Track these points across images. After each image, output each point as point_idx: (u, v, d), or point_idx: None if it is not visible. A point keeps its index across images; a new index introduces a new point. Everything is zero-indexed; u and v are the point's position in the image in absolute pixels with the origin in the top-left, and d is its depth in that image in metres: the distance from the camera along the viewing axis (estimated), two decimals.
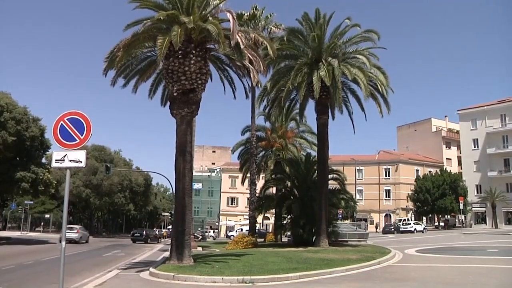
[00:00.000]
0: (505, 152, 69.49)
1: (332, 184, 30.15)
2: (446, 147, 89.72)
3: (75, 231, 37.93)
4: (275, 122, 36.36)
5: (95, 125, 9.51)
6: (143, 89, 19.77)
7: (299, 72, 24.25)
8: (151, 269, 14.60)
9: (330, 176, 28.44)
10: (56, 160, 9.53)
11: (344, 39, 25.99)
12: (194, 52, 16.28)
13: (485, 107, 74.17)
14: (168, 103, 17.39)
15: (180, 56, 16.12)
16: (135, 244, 41.35)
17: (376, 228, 74.06)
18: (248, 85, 21.13)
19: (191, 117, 17.00)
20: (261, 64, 17.13)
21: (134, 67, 18.30)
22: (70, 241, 32.52)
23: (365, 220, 71.11)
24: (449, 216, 70.92)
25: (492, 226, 66.13)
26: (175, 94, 16.40)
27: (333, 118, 27.21)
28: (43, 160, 38.33)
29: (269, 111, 31.74)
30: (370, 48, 25.81)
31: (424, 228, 60.13)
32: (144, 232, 48.19)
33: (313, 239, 25.57)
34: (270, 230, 45.91)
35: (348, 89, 27.13)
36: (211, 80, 19.10)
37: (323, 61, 24.64)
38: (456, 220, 71.69)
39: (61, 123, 9.54)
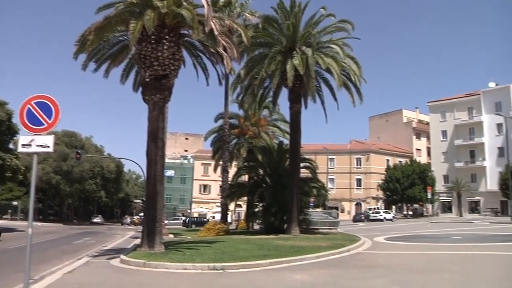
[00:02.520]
0: (471, 143, 71.60)
1: (304, 173, 30.37)
2: (416, 138, 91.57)
3: None
4: (248, 109, 36.28)
5: (66, 110, 9.32)
6: (115, 74, 19.47)
7: (273, 60, 24.23)
8: (122, 257, 14.46)
9: (302, 164, 28.64)
10: (22, 145, 9.23)
11: (319, 29, 26.08)
12: (167, 37, 16.06)
13: (454, 100, 76.06)
14: (141, 88, 17.14)
15: (153, 41, 15.89)
16: (107, 232, 40.98)
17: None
18: (222, 72, 20.98)
19: (163, 103, 16.82)
20: (235, 51, 17.02)
21: (106, 51, 17.95)
22: None
23: (336, 208, 72.09)
24: (417, 205, 72.60)
25: (458, 215, 67.99)
26: (147, 79, 16.18)
27: (306, 107, 27.40)
28: (11, 146, 37.24)
29: (242, 99, 31.64)
30: (344, 38, 25.99)
31: (393, 217, 61.35)
32: None
33: (285, 226, 25.76)
34: (242, 218, 46.03)
35: (321, 78, 27.26)
36: (184, 66, 18.91)
37: (297, 49, 24.67)
38: (424, 209, 73.43)
39: (28, 107, 9.23)
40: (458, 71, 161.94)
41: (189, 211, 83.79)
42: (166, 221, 40.75)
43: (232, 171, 34.59)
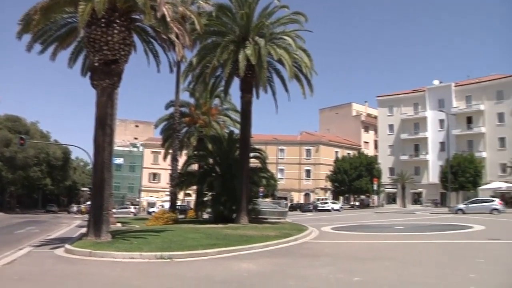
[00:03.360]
0: (416, 138, 74.44)
1: (254, 163, 30.55)
2: (365, 131, 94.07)
3: None
4: (200, 98, 36.03)
5: (8, 94, 8.87)
6: (62, 57, 18.79)
7: (225, 49, 24.12)
8: (67, 246, 14.06)
9: (252, 154, 28.78)
10: None
11: (272, 20, 26.13)
12: (118, 21, 15.66)
13: (401, 95, 78.65)
14: (89, 73, 16.64)
15: (103, 25, 15.43)
16: (52, 220, 39.69)
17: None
18: (173, 59, 20.60)
19: (112, 89, 16.41)
20: (187, 39, 16.82)
21: (53, 33, 17.28)
22: None
23: (286, 198, 73.07)
24: (364, 196, 74.74)
25: (401, 206, 70.58)
26: (96, 64, 15.72)
27: (257, 97, 27.46)
28: None
29: (194, 87, 31.37)
30: (297, 30, 26.19)
31: (340, 207, 62.87)
32: None
33: (234, 216, 25.85)
34: (192, 207, 45.81)
35: (273, 69, 27.40)
36: (135, 51, 18.53)
37: (250, 39, 24.67)
38: (370, 200, 75.68)
39: None
40: (406, 67, 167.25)
41: (138, 199, 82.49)
42: (114, 210, 40.03)
43: (182, 159, 34.28)
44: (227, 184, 26.64)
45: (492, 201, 41.96)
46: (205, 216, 33.73)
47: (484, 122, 68.20)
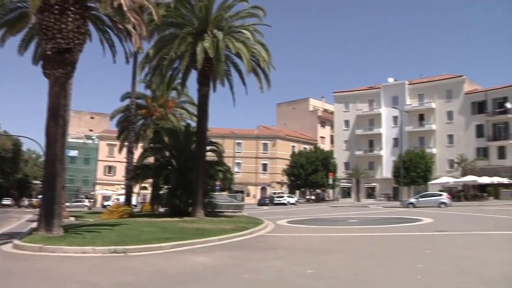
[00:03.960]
0: (370, 133, 76.24)
1: (211, 156, 30.49)
2: (321, 126, 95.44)
3: None
4: (156, 90, 35.45)
5: None
6: (12, 44, 18.05)
7: (183, 41, 23.87)
8: (15, 241, 13.55)
9: (208, 147, 28.71)
10: None
11: (231, 13, 26.03)
12: (72, 9, 15.15)
13: (357, 92, 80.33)
14: (41, 62, 16.08)
15: (56, 12, 14.89)
16: (0, 215, 38.19)
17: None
18: (130, 50, 20.18)
19: (66, 78, 15.92)
20: (144, 29, 16.53)
21: (1, 17, 16.53)
22: None
23: (242, 192, 73.40)
24: (319, 190, 75.92)
25: (356, 200, 72.20)
26: (49, 52, 15.19)
27: (215, 90, 27.33)
28: None
29: (150, 79, 30.84)
30: (256, 24, 26.19)
31: (296, 201, 63.55)
32: None
33: (190, 209, 25.71)
34: (148, 200, 45.24)
35: (231, 63, 27.34)
36: (90, 41, 18.01)
37: (209, 32, 24.52)
38: (326, 194, 76.95)
39: None
40: (363, 65, 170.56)
41: (92, 193, 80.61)
42: (67, 203, 39.01)
43: (139, 152, 33.76)
44: (183, 178, 26.46)
45: (441, 195, 43.73)
46: (161, 209, 33.39)
47: (434, 119, 70.62)
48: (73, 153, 76.77)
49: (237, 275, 8.91)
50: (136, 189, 45.73)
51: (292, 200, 62.60)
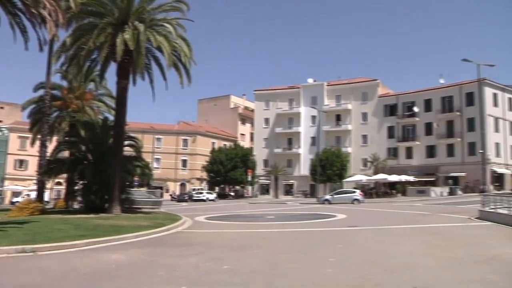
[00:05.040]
0: (290, 132, 78.15)
1: (129, 151, 29.78)
2: (241, 123, 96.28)
3: None
4: (73, 81, 33.90)
5: None
6: None
7: (102, 32, 23.05)
8: None
9: (126, 142, 28.03)
10: None
11: (154, 5, 25.52)
12: None
13: (278, 90, 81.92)
14: None
15: None
16: None
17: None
18: (44, 37, 19.16)
19: None
20: (61, 16, 15.79)
21: None
22: None
23: (161, 188, 72.30)
24: (238, 187, 76.59)
25: (274, 197, 73.67)
26: None
27: (134, 83, 26.58)
28: None
29: (67, 69, 29.42)
30: (178, 18, 25.88)
31: (215, 197, 63.76)
32: None
33: (106, 206, 24.96)
34: (62, 196, 43.18)
35: (152, 56, 26.83)
36: None
37: (130, 24, 23.85)
38: (245, 190, 77.80)
39: None
40: (285, 64, 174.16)
41: (1, 189, 75.40)
42: None
43: (53, 146, 32.11)
44: (99, 173, 25.59)
45: (354, 192, 45.80)
46: (76, 206, 32.07)
47: (350, 120, 73.80)
48: None
49: (152, 272, 8.82)
50: (49, 184, 43.51)
51: (212, 196, 62.79)
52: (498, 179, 59.53)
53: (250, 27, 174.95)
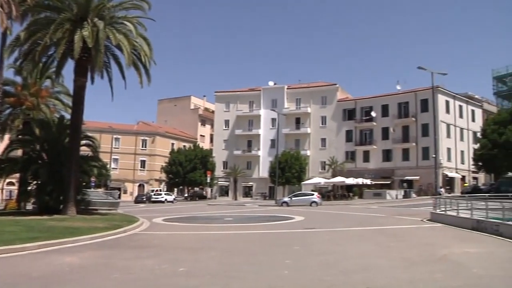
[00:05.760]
0: (249, 134, 78.29)
1: (85, 151, 29.14)
2: (202, 125, 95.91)
3: None
4: (28, 78, 32.81)
5: None
6: None
7: (60, 27, 22.42)
8: None
9: (83, 142, 27.46)
10: None
11: (114, 3, 25.18)
12: None
13: (238, 92, 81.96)
14: None
15: None
16: None
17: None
18: None
19: None
20: (14, 9, 15.34)
21: None
22: None
23: (119, 189, 71.14)
24: (198, 188, 76.13)
25: (233, 198, 73.61)
26: None
27: (92, 82, 26.02)
28: None
29: (21, 65, 28.43)
30: (139, 17, 25.59)
31: (174, 199, 63.20)
32: None
33: (61, 207, 24.29)
34: (15, 197, 41.63)
35: (111, 55, 26.37)
36: None
37: (89, 20, 23.34)
38: (204, 192, 77.38)
39: None
40: (246, 66, 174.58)
41: None
42: None
43: (5, 144, 30.97)
44: (54, 173, 24.87)
45: (312, 194, 46.39)
46: (29, 207, 31.05)
47: (310, 123, 74.60)
48: None
49: (106, 275, 8.66)
50: (0, 184, 41.96)
51: (170, 198, 62.20)
52: (449, 182, 61.77)
53: (212, 28, 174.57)
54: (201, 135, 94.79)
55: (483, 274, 8.87)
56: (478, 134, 57.26)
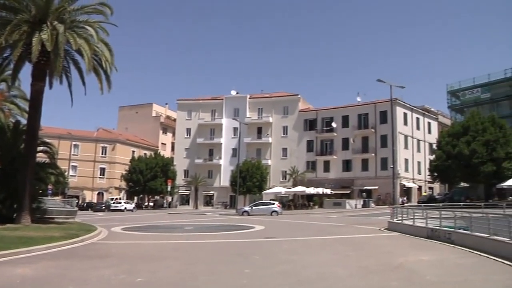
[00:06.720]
0: (211, 143, 78.14)
1: (42, 157, 28.29)
2: (163, 133, 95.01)
3: None
4: None
5: None
6: None
7: (17, 29, 21.67)
8: None
9: (40, 148, 26.59)
10: None
11: (76, 6, 24.54)
12: None
13: (201, 101, 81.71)
14: None
15: None
16: None
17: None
18: None
19: None
20: None
21: None
22: None
23: (78, 197, 69.45)
24: (158, 197, 75.19)
25: (194, 207, 73.05)
26: None
27: (51, 87, 25.23)
28: None
29: None
30: (101, 22, 25.06)
31: (134, 207, 62.18)
32: None
33: (15, 215, 23.43)
34: None
35: (71, 59, 25.73)
36: None
37: (48, 23, 22.69)
38: (165, 200, 76.49)
39: None
40: (208, 75, 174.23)
41: None
42: None
43: None
44: (8, 180, 24.01)
45: (273, 204, 46.59)
46: None
47: (271, 133, 75.07)
48: None
49: (61, 286, 8.41)
50: None
51: (130, 206, 61.30)
52: (407, 192, 63.37)
53: (175, 36, 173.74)
54: (162, 143, 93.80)
55: (435, 280, 9.22)
56: (434, 146, 59.17)
